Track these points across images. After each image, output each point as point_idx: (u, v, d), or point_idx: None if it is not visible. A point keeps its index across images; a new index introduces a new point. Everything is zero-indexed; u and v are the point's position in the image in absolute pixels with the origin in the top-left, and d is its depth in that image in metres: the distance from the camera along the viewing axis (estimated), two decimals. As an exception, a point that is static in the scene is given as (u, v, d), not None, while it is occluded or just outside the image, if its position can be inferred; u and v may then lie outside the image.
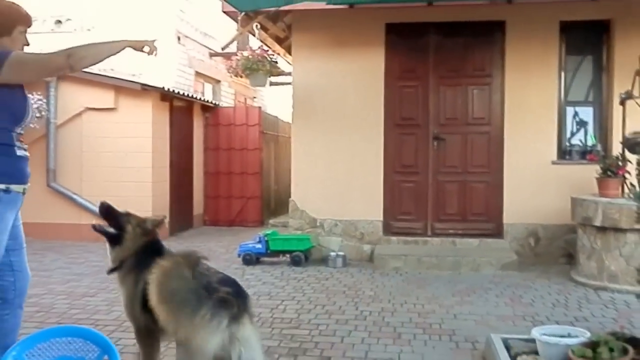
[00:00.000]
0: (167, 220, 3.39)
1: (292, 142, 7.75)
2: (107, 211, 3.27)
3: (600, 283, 5.87)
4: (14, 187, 2.92)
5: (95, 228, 3.25)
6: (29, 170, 3.09)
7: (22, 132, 3.05)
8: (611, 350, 3.17)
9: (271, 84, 17.25)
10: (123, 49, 2.99)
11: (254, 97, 15.58)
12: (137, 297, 3.05)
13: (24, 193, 3.01)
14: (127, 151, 8.72)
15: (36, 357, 2.32)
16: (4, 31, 2.98)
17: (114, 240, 3.23)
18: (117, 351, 2.35)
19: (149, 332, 3.07)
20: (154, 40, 3.10)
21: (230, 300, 2.69)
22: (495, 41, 7.29)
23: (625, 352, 3.15)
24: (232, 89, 14.25)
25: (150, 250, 3.18)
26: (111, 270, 3.25)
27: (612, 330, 3.93)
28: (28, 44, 3.12)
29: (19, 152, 2.98)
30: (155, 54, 3.14)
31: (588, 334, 3.48)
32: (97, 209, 3.36)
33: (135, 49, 3.07)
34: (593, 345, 3.23)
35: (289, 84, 8.11)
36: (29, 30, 3.11)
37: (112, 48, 2.95)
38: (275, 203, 11.68)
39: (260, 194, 10.83)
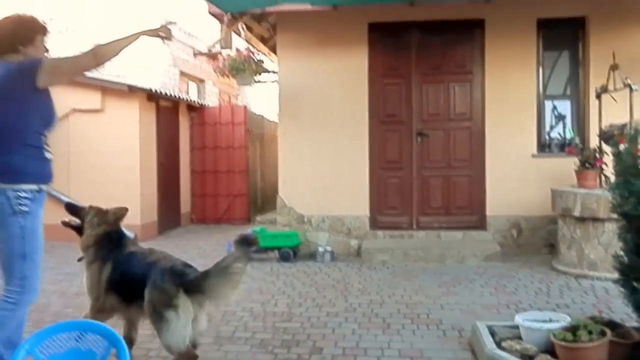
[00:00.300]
0: (128, 212, 3.79)
1: (278, 140, 7.88)
2: (70, 207, 3.74)
3: (581, 271, 6.08)
4: (44, 187, 3.15)
5: (63, 223, 3.69)
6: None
7: (48, 135, 3.23)
8: (590, 332, 3.34)
9: (255, 81, 17.37)
10: (138, 38, 3.23)
11: (238, 95, 15.65)
12: (102, 281, 3.50)
13: (47, 190, 3.23)
14: (115, 151, 8.77)
15: (47, 351, 2.42)
16: (28, 41, 3.18)
17: (79, 231, 3.67)
18: (124, 344, 2.46)
19: (108, 311, 3.54)
20: (168, 24, 3.34)
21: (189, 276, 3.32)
22: (475, 39, 7.48)
23: (603, 334, 3.33)
24: (216, 88, 14.32)
25: (111, 239, 3.62)
26: (80, 259, 3.66)
27: (592, 314, 4.14)
28: (47, 51, 3.32)
29: (47, 155, 3.19)
30: (171, 38, 3.42)
31: (568, 319, 3.66)
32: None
33: (150, 36, 3.36)
34: (573, 329, 3.41)
35: (274, 81, 8.22)
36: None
37: (130, 40, 3.18)
38: (262, 200, 11.79)
39: (247, 192, 10.94)
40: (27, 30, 3.20)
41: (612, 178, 5.62)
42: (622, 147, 3.52)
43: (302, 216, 7.64)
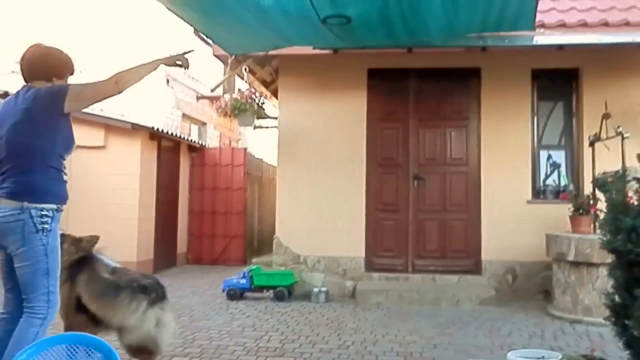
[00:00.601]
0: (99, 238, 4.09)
1: (277, 180, 7.98)
2: None
3: (575, 316, 6.08)
4: (61, 207, 3.28)
5: None
6: None
7: (66, 158, 3.40)
8: (581, 367, 3.36)
9: (256, 127, 17.61)
10: (158, 66, 3.42)
11: (239, 140, 15.86)
12: (72, 301, 3.72)
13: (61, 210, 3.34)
14: (115, 188, 8.86)
15: (42, 364, 2.45)
16: (61, 76, 3.41)
17: None
18: (119, 356, 2.49)
19: (77, 328, 3.60)
20: (185, 53, 3.49)
21: (149, 287, 3.73)
22: (471, 86, 7.68)
23: (594, 368, 3.35)
24: (217, 131, 14.54)
25: (83, 264, 3.83)
26: None
27: (584, 354, 4.14)
28: None
29: (65, 177, 3.34)
30: (188, 67, 3.58)
31: (560, 356, 3.67)
32: None
33: (168, 65, 3.51)
34: (565, 364, 3.42)
35: (274, 127, 8.38)
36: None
37: (149, 68, 3.37)
38: (259, 243, 11.81)
39: (244, 233, 10.97)
40: (64, 67, 3.43)
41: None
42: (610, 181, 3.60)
43: (298, 256, 7.67)
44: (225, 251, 10.87)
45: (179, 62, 3.52)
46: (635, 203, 3.57)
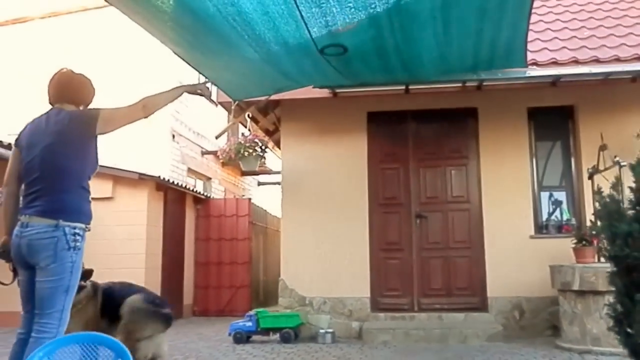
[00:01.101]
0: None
1: (281, 223, 8.06)
2: None
3: (584, 347, 6.02)
4: (89, 227, 3.38)
5: None
6: None
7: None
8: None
9: (259, 183, 17.84)
10: (182, 94, 3.66)
11: (243, 195, 16.02)
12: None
13: (88, 230, 3.44)
14: (123, 238, 8.95)
15: (58, 360, 2.50)
16: (86, 102, 3.60)
17: None
18: (130, 355, 2.54)
19: None
20: (205, 82, 3.68)
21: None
22: (469, 126, 7.86)
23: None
24: (222, 187, 14.73)
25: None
26: None
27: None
28: None
29: (90, 197, 3.46)
30: (210, 95, 3.83)
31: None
32: None
33: (191, 93, 3.74)
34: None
35: (277, 183, 8.52)
36: None
37: (174, 94, 3.60)
38: (265, 294, 11.76)
39: (250, 283, 10.96)
40: (89, 92, 3.61)
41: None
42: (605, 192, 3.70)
43: (303, 298, 7.66)
44: (232, 302, 10.82)
45: (199, 91, 3.73)
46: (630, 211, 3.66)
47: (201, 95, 3.77)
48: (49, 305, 3.17)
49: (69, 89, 3.51)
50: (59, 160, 3.29)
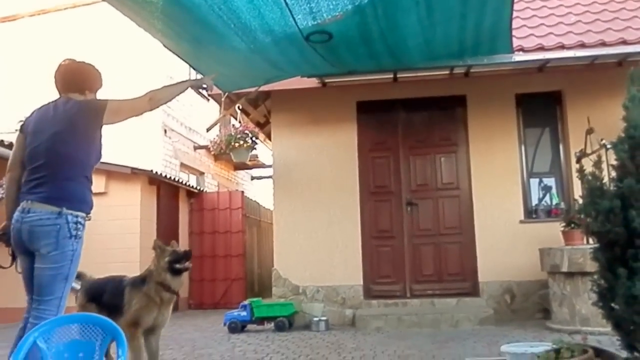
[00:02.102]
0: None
1: (274, 214, 8.12)
2: None
3: (574, 327, 6.11)
4: (90, 216, 3.41)
5: None
6: None
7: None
8: (572, 352, 3.44)
9: (253, 178, 17.88)
10: (187, 88, 3.72)
11: (236, 190, 16.04)
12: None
13: (89, 219, 3.46)
14: (116, 233, 8.99)
15: (53, 340, 2.55)
16: (93, 90, 3.61)
17: None
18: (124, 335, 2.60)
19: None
20: (212, 77, 3.85)
21: None
22: (457, 114, 7.93)
23: (584, 352, 3.42)
24: (215, 181, 14.77)
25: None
26: None
27: (577, 342, 4.19)
28: None
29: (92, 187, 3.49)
30: (212, 87, 3.94)
31: (553, 346, 3.74)
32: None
33: (195, 87, 3.88)
34: (556, 351, 3.50)
35: (269, 177, 8.56)
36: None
37: (179, 88, 3.66)
38: (259, 286, 11.82)
39: (244, 276, 11.02)
40: (97, 81, 3.63)
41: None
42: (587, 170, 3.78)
43: (297, 287, 7.73)
44: (227, 294, 10.88)
45: (205, 85, 3.82)
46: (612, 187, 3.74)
47: (205, 88, 3.87)
48: (48, 292, 3.17)
49: (75, 78, 3.53)
50: (65, 148, 3.31)
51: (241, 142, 7.57)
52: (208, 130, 8.27)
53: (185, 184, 11.28)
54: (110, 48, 11.70)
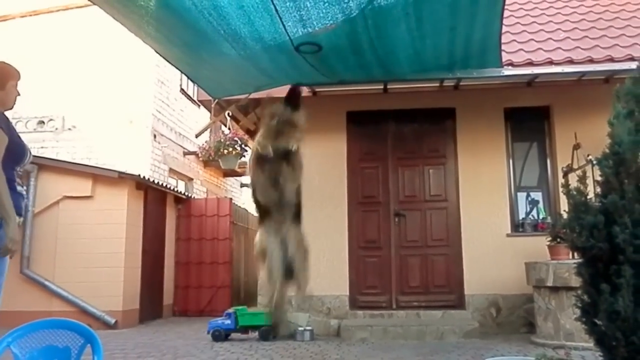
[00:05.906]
0: None
1: (261, 222, 8.06)
2: None
3: (558, 342, 6.11)
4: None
5: None
6: (24, 205, 3.53)
7: (21, 171, 3.52)
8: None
9: (242, 185, 17.82)
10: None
11: (225, 197, 15.98)
12: None
13: (18, 225, 3.33)
14: (102, 237, 8.90)
15: (26, 346, 2.51)
16: (2, 86, 3.46)
17: None
18: (100, 341, 2.55)
19: None
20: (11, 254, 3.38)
21: None
22: (447, 126, 7.95)
23: (562, 362, 3.43)
24: (204, 187, 14.70)
25: None
26: None
27: (560, 357, 4.20)
28: (20, 95, 3.61)
29: (18, 188, 3.43)
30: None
31: (533, 358, 3.75)
32: (68, 295, 3.89)
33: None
34: (537, 361, 3.50)
35: None
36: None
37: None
38: (245, 294, 11.75)
39: (230, 283, 10.94)
40: (4, 76, 3.49)
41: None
42: (572, 186, 3.79)
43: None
44: (212, 302, 10.79)
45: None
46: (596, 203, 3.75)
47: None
48: None
49: None
50: None
51: (230, 149, 7.55)
52: (197, 136, 8.26)
53: (173, 189, 11.21)
54: (101, 51, 11.67)
